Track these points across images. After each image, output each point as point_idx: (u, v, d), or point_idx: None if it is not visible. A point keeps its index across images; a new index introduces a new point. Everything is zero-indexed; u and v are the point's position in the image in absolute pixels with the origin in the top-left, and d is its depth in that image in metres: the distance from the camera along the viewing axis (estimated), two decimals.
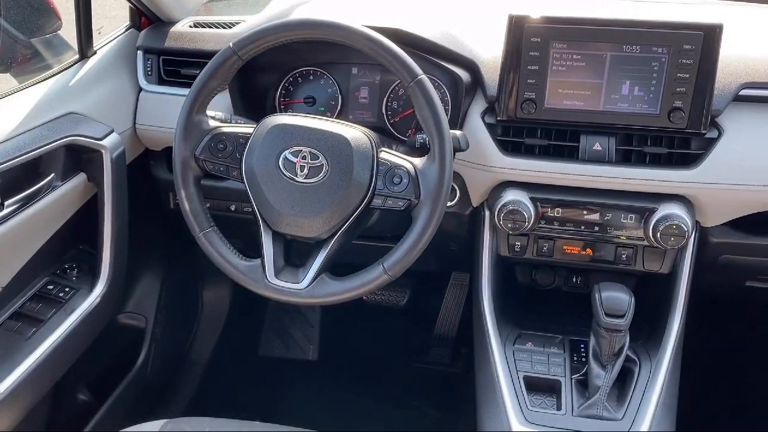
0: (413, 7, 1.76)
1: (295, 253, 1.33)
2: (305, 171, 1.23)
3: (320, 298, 1.25)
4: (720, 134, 1.37)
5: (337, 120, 1.31)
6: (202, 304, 2.22)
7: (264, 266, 1.26)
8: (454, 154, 1.35)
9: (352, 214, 1.24)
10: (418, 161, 1.25)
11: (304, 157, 1.23)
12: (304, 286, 1.25)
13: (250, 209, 1.29)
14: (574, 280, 1.63)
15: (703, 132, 1.35)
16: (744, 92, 1.37)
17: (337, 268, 1.30)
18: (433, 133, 1.21)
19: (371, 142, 1.26)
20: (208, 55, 1.35)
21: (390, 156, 1.26)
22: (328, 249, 1.26)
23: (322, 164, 1.22)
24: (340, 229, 1.25)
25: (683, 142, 1.38)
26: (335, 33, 1.23)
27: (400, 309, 2.29)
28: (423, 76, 1.20)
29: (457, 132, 1.31)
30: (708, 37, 1.29)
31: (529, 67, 1.37)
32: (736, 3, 1.82)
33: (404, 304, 2.28)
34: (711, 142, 1.37)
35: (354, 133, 1.26)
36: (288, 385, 2.28)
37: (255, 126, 1.29)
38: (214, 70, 1.26)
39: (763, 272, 1.55)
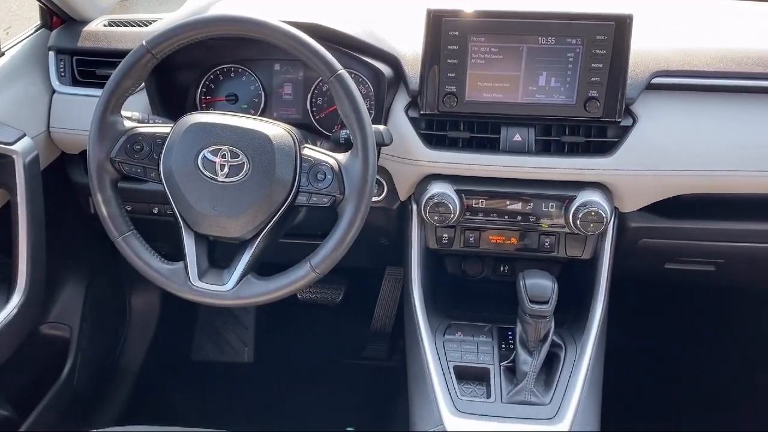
0: (334, 3, 1.75)
1: (219, 255, 1.30)
2: (226, 170, 1.21)
3: (246, 299, 1.23)
4: (634, 122, 1.41)
5: (259, 117, 1.29)
6: (130, 310, 2.16)
7: (187, 269, 1.24)
8: (379, 148, 1.36)
9: (276, 213, 1.23)
10: (342, 157, 1.25)
11: (224, 156, 1.21)
12: (229, 287, 1.23)
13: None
14: (502, 269, 1.66)
15: (618, 120, 1.39)
16: (656, 80, 1.41)
17: (268, 267, 1.28)
18: (355, 128, 1.21)
19: (293, 139, 1.25)
20: (123, 54, 1.31)
21: (313, 152, 1.25)
22: (253, 249, 1.24)
23: (243, 162, 1.21)
24: (264, 229, 1.23)
25: (600, 130, 1.42)
26: (251, 29, 1.21)
27: (336, 306, 2.29)
28: (343, 71, 1.20)
29: (381, 126, 1.31)
30: (619, 27, 1.32)
31: (448, 61, 1.38)
32: None
33: (339, 301, 2.28)
34: (626, 130, 1.41)
35: (275, 130, 1.25)
36: (223, 389, 2.24)
37: (172, 125, 1.26)
38: (128, 70, 1.23)
39: (680, 254, 1.61)
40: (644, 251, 1.57)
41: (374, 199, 1.51)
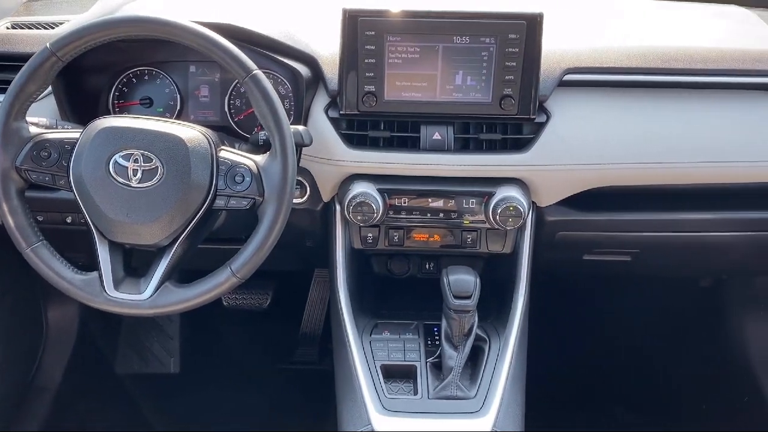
0: (251, 4, 1.73)
1: (136, 263, 1.27)
2: (139, 175, 1.17)
3: (165, 307, 1.20)
4: (548, 118, 1.44)
5: (172, 120, 1.26)
6: (47, 325, 2.07)
7: (102, 279, 1.20)
8: (299, 149, 1.35)
9: (194, 218, 1.20)
10: (260, 158, 1.23)
11: (136, 161, 1.17)
12: (146, 296, 1.19)
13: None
14: (428, 266, 1.67)
15: (533, 117, 1.42)
16: (567, 77, 1.45)
17: (189, 275, 1.25)
18: (273, 129, 1.19)
19: (209, 141, 1.22)
20: (27, 57, 1.26)
21: (230, 155, 1.23)
22: (170, 256, 1.21)
23: (157, 167, 1.17)
24: (181, 234, 1.20)
25: (516, 127, 1.45)
26: (162, 30, 1.18)
27: (264, 311, 2.26)
28: (258, 72, 1.19)
29: (300, 127, 1.29)
30: (530, 25, 1.36)
31: (366, 61, 1.38)
32: None
33: (267, 305, 2.25)
34: (540, 127, 1.44)
35: (190, 133, 1.22)
36: (150, 402, 2.18)
37: (81, 131, 1.22)
38: (31, 73, 1.18)
39: (597, 245, 1.66)
40: (562, 244, 1.61)
41: (297, 200, 1.51)
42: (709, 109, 1.48)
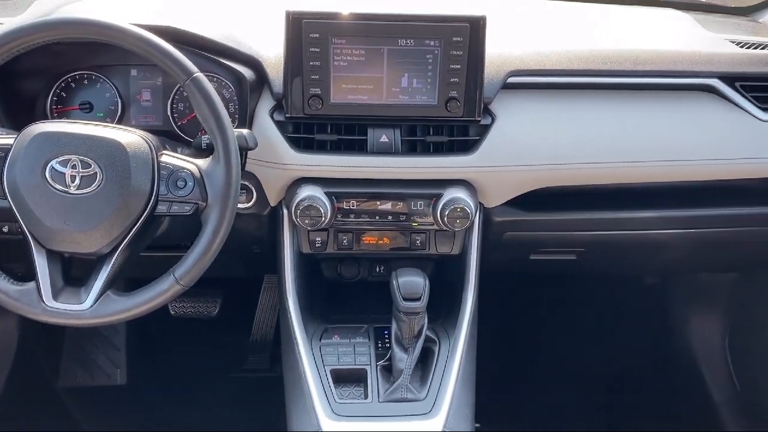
0: (194, 6, 1.70)
1: (77, 272, 1.23)
2: (77, 181, 1.14)
3: (106, 317, 1.17)
4: (493, 120, 1.46)
5: (112, 125, 1.23)
6: None
7: (39, 289, 1.16)
8: (244, 153, 1.33)
9: (135, 224, 1.17)
10: (203, 162, 1.21)
11: (74, 167, 1.14)
12: (87, 306, 1.16)
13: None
14: (378, 269, 1.67)
15: (478, 119, 1.43)
16: (511, 80, 1.47)
17: (134, 283, 1.22)
18: (215, 132, 1.18)
19: (150, 146, 1.20)
20: None
21: (172, 159, 1.21)
22: (111, 264, 1.18)
23: (96, 173, 1.14)
24: (123, 242, 1.18)
25: (462, 129, 1.46)
26: (100, 32, 1.16)
27: (213, 319, 2.22)
28: (199, 74, 1.17)
29: (244, 130, 1.28)
30: (474, 28, 1.37)
31: (311, 63, 1.37)
32: None
33: (216, 313, 2.21)
34: (486, 129, 1.45)
35: (130, 137, 1.19)
36: (96, 416, 2.12)
37: (16, 136, 1.18)
38: None
39: (543, 245, 1.69)
40: (510, 244, 1.63)
41: (243, 205, 1.48)
42: (649, 110, 1.52)
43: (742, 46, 1.60)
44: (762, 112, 1.52)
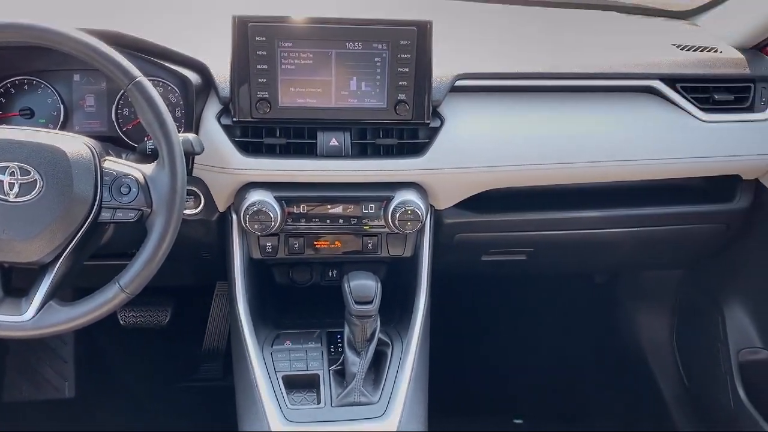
0: (139, 10, 1.67)
1: (17, 282, 1.19)
2: (16, 189, 1.11)
3: (49, 328, 1.14)
4: (442, 123, 1.47)
5: (54, 131, 1.20)
6: None
7: None
8: (190, 158, 1.32)
9: (78, 232, 1.15)
10: (148, 168, 1.19)
11: (12, 174, 1.11)
12: (28, 317, 1.13)
13: None
14: (331, 273, 1.66)
15: (427, 122, 1.44)
16: (459, 83, 1.48)
17: (80, 293, 1.19)
18: (159, 137, 1.16)
19: (93, 152, 1.17)
20: None
21: (116, 165, 1.19)
22: (53, 273, 1.15)
23: (36, 180, 1.11)
24: (65, 250, 1.15)
25: (412, 132, 1.47)
26: (39, 36, 1.13)
27: (164, 328, 2.18)
28: (141, 78, 1.15)
29: (190, 135, 1.26)
30: (421, 32, 1.38)
31: (258, 67, 1.36)
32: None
33: (167, 323, 2.17)
34: (435, 131, 1.46)
35: (72, 143, 1.17)
36: (43, 429, 2.05)
37: None
38: None
39: (494, 246, 1.70)
40: (461, 245, 1.64)
41: (191, 211, 1.46)
42: (594, 111, 1.55)
43: (682, 49, 1.64)
44: (702, 113, 1.57)
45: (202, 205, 1.47)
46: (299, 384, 1.35)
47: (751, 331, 1.83)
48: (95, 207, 1.15)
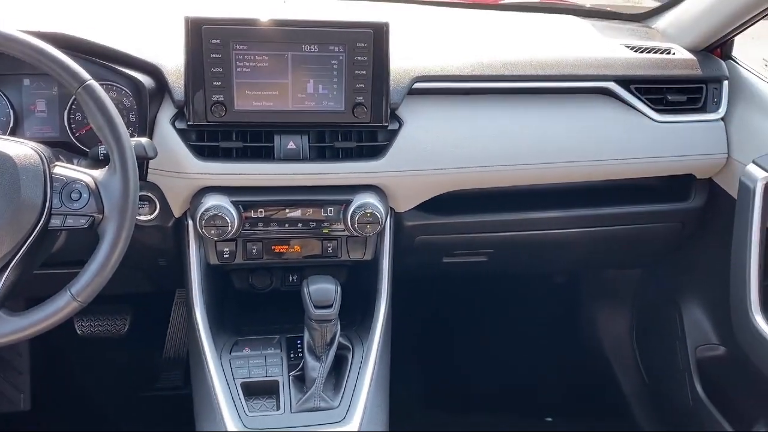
0: (90, 12, 1.64)
1: None
2: None
3: None
4: (401, 126, 1.46)
5: (2, 137, 1.17)
6: None
7: None
8: (143, 162, 1.29)
9: (27, 239, 1.11)
10: (99, 173, 1.16)
11: None
12: None
13: None
14: (291, 278, 1.65)
15: (386, 125, 1.44)
16: (417, 86, 1.48)
17: (32, 303, 1.15)
18: (110, 141, 1.13)
19: (42, 158, 1.14)
20: None
21: (66, 171, 1.16)
22: (2, 282, 1.11)
23: None
24: (14, 258, 1.11)
25: (370, 135, 1.46)
26: None
27: (122, 337, 2.14)
28: (91, 82, 1.12)
29: (142, 139, 1.24)
30: (377, 34, 1.37)
31: (212, 70, 1.34)
32: (402, 3, 1.98)
33: (126, 331, 2.13)
34: (394, 134, 1.46)
35: (20, 149, 1.13)
36: None
37: None
38: None
39: (454, 248, 1.71)
40: (422, 248, 1.64)
41: (146, 217, 1.44)
42: (551, 113, 1.57)
43: (636, 51, 1.67)
44: (656, 113, 1.60)
45: (157, 211, 1.45)
46: (258, 390, 1.34)
47: (707, 328, 1.87)
48: (44, 214, 1.12)
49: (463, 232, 1.65)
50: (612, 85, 1.58)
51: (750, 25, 1.60)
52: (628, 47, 1.68)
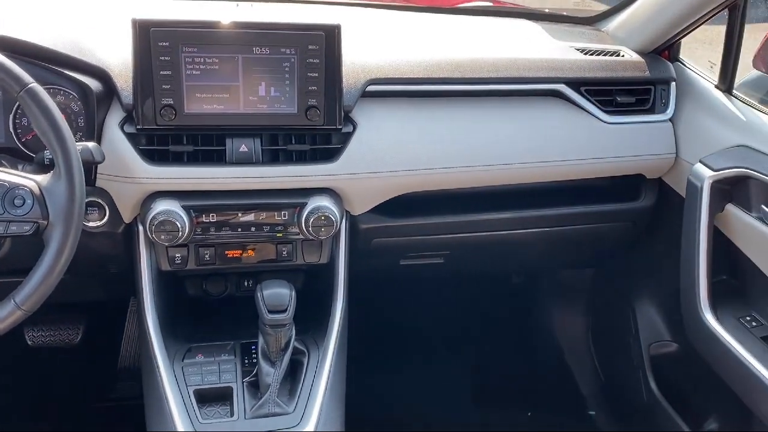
0: (36, 15, 1.60)
1: None
2: None
3: None
4: (354, 128, 1.46)
5: None
6: None
7: None
8: (91, 167, 1.27)
9: None
10: (43, 179, 1.13)
11: None
12: None
13: None
14: (246, 283, 1.63)
15: (339, 127, 1.43)
16: (371, 88, 1.48)
17: None
18: (55, 146, 1.10)
19: None
20: None
21: (8, 176, 1.12)
22: None
23: None
24: None
25: (324, 137, 1.45)
26: None
27: (75, 347, 2.09)
28: (34, 85, 1.09)
29: (89, 143, 1.21)
30: (329, 37, 1.37)
31: (161, 73, 1.32)
32: (356, 6, 1.98)
33: (79, 341, 2.08)
34: (348, 136, 1.46)
35: None
36: None
37: None
38: None
39: (411, 250, 1.71)
40: (378, 250, 1.64)
41: (95, 223, 1.41)
42: (503, 115, 1.58)
43: (586, 53, 1.70)
44: (606, 115, 1.62)
45: (106, 217, 1.42)
46: (212, 397, 1.31)
47: (660, 326, 1.90)
48: None
49: (419, 234, 1.65)
50: (562, 87, 1.60)
51: (695, 28, 1.64)
52: (578, 50, 1.71)
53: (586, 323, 2.26)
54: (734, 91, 1.64)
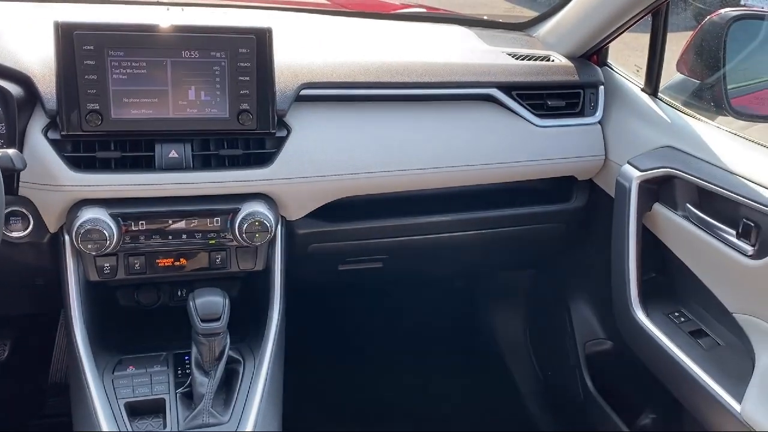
0: None
1: None
2: None
3: None
4: (289, 132, 1.45)
5: None
6: None
7: None
8: (15, 175, 1.22)
9: None
10: None
11: None
12: None
13: None
14: (179, 293, 1.59)
15: (273, 132, 1.42)
16: (305, 92, 1.47)
17: None
18: None
19: None
20: None
21: None
22: None
23: None
24: None
25: (258, 142, 1.44)
26: None
27: (2, 364, 2.00)
28: None
29: (9, 150, 1.17)
30: (260, 40, 1.35)
31: (86, 77, 1.29)
32: (290, 11, 1.97)
33: (6, 357, 1.99)
34: (282, 141, 1.44)
35: None
36: None
37: None
38: None
39: (349, 255, 1.70)
40: (316, 256, 1.62)
41: (18, 233, 1.36)
42: (437, 119, 1.59)
43: (517, 58, 1.72)
44: (537, 118, 1.65)
45: (30, 227, 1.37)
46: (143, 410, 1.28)
47: (594, 324, 1.94)
48: None
49: (356, 238, 1.64)
50: (495, 92, 1.62)
51: (621, 33, 1.69)
52: (510, 55, 1.74)
53: (525, 324, 2.30)
54: (660, 93, 1.69)
